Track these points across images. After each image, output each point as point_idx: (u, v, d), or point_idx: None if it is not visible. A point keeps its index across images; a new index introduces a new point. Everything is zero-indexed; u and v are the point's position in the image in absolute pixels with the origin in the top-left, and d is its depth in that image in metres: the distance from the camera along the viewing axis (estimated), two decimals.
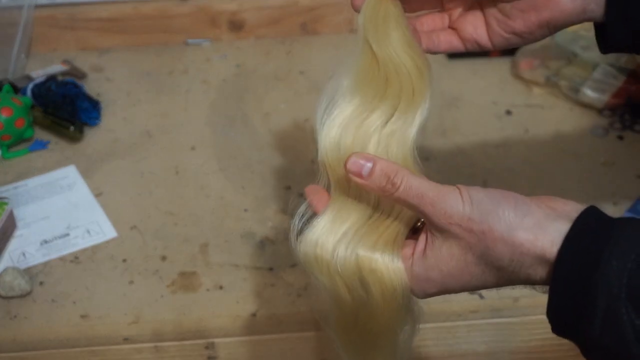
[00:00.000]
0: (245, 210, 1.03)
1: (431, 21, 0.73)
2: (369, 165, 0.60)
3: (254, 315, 0.91)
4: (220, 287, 0.93)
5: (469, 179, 1.06)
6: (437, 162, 1.09)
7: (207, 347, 0.90)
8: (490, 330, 0.91)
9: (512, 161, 1.09)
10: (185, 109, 1.18)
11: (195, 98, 1.20)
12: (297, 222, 0.64)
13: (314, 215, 0.64)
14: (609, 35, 0.67)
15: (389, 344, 0.65)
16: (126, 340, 0.89)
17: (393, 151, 0.64)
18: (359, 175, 0.60)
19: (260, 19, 1.28)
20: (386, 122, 0.64)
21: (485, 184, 1.05)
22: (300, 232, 0.63)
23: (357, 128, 0.64)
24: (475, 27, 0.71)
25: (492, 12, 0.70)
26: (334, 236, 0.62)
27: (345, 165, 0.60)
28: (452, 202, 0.57)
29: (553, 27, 0.68)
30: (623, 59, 1.16)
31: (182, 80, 1.23)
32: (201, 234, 0.99)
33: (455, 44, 0.73)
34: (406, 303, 0.62)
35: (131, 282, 0.94)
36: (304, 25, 1.29)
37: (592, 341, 0.53)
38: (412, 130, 0.64)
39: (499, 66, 1.24)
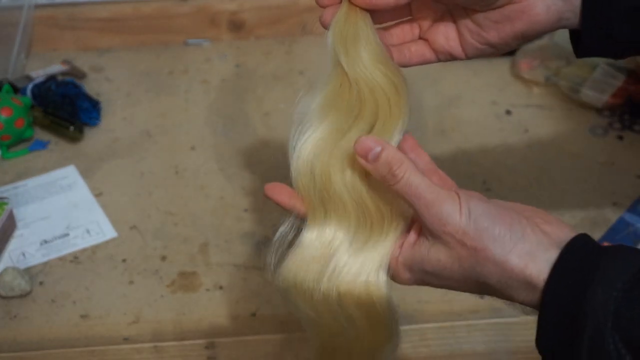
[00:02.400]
0: (245, 210, 1.03)
1: (401, 32, 0.71)
2: (377, 149, 0.58)
3: (254, 315, 0.91)
4: (220, 287, 0.93)
5: (469, 179, 1.06)
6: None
7: (207, 347, 0.90)
8: (490, 330, 0.91)
9: (511, 161, 1.09)
10: (185, 109, 1.18)
11: (195, 98, 1.20)
12: (275, 249, 0.63)
13: (293, 240, 0.63)
14: (585, 41, 0.66)
15: None
16: (126, 340, 0.89)
17: None
18: (365, 157, 0.59)
19: (260, 19, 1.28)
20: None
21: (485, 184, 1.05)
22: (280, 260, 0.63)
23: (332, 149, 0.62)
24: (448, 38, 0.69)
25: (465, 22, 0.67)
26: (316, 265, 0.61)
27: (354, 146, 0.59)
28: (449, 211, 0.57)
29: (528, 38, 0.67)
30: None
31: (181, 80, 1.23)
32: (201, 234, 0.99)
33: (428, 56, 0.70)
34: (390, 324, 0.63)
35: (131, 282, 0.94)
36: (304, 25, 1.29)
37: None
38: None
39: (499, 66, 1.23)
